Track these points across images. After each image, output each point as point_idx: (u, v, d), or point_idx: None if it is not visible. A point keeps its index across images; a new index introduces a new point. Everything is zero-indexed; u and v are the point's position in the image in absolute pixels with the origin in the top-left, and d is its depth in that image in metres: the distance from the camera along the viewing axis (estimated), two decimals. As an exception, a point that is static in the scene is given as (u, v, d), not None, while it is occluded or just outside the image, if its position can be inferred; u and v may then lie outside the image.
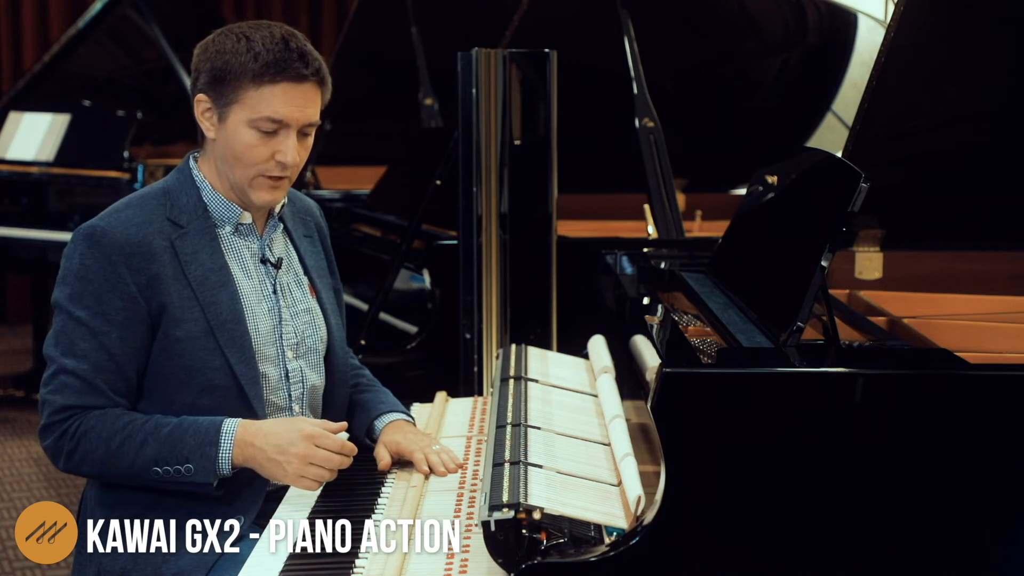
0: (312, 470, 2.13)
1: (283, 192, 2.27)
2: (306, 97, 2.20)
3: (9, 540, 4.38)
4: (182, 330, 2.17)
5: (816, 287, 2.04)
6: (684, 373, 1.87)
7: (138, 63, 6.61)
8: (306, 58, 2.19)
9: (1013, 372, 1.91)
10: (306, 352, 2.34)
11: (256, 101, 2.17)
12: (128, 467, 2.13)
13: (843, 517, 1.82)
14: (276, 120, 2.18)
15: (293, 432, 2.14)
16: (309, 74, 2.19)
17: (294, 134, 2.20)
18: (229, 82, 2.18)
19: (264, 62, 2.16)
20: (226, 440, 2.13)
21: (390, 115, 5.97)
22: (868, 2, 5.74)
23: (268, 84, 2.17)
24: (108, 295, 2.15)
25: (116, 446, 2.12)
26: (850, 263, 2.85)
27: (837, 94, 5.18)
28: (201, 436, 2.13)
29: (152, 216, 2.21)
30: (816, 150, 2.57)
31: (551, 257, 3.51)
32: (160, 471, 2.12)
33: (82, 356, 2.14)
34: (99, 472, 2.17)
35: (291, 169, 2.23)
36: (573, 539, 1.82)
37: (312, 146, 2.29)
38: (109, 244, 2.16)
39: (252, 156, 2.20)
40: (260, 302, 2.28)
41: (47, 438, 2.17)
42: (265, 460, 2.13)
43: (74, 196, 5.86)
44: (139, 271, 2.16)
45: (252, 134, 2.19)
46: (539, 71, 3.46)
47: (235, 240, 2.29)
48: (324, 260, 2.47)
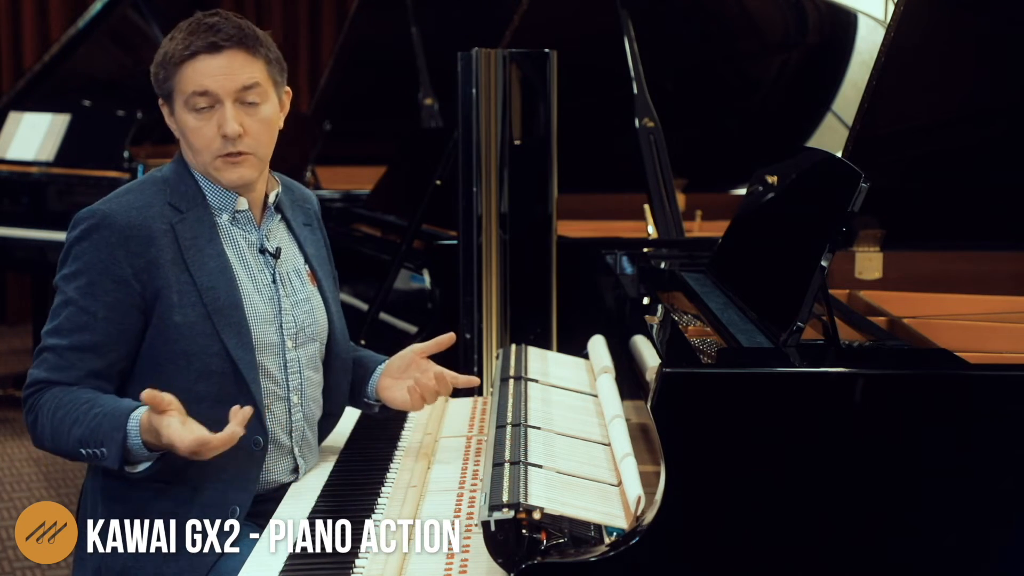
0: None
1: (249, 168, 2.26)
2: (229, 64, 2.21)
3: (9, 540, 4.39)
4: (180, 315, 2.17)
5: (816, 287, 2.04)
6: (684, 373, 1.87)
7: (138, 63, 6.60)
8: (216, 27, 2.22)
9: (1013, 372, 1.91)
10: (306, 342, 2.34)
11: (182, 82, 2.21)
12: (65, 445, 2.13)
13: (843, 517, 1.81)
14: (201, 92, 2.20)
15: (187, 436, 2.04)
16: (221, 40, 2.21)
17: (229, 104, 2.21)
18: (165, 78, 2.24)
19: (178, 42, 2.22)
20: (133, 425, 2.07)
21: (390, 115, 5.97)
22: (868, 2, 5.74)
23: (188, 62, 2.21)
24: (101, 278, 2.16)
25: (57, 423, 2.12)
26: (850, 263, 2.84)
27: (837, 94, 5.18)
28: (114, 420, 2.09)
29: (153, 200, 2.23)
30: (816, 150, 2.57)
31: (551, 257, 3.51)
32: (84, 452, 2.10)
33: (66, 333, 2.16)
34: (53, 448, 2.16)
35: (245, 142, 2.22)
36: (573, 539, 1.82)
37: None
38: (108, 227, 2.17)
39: (200, 139, 2.23)
40: (259, 291, 2.28)
41: (24, 411, 2.20)
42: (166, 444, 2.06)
43: (74, 196, 5.86)
44: (137, 254, 2.17)
45: (192, 116, 2.22)
46: (539, 71, 3.46)
47: (233, 230, 2.29)
48: (324, 248, 2.48)
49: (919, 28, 2.67)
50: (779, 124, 5.17)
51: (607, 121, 4.51)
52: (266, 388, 2.27)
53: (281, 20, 8.41)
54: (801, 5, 5.05)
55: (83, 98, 6.35)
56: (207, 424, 2.17)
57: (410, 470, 2.31)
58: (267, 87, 2.26)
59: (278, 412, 2.29)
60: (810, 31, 5.16)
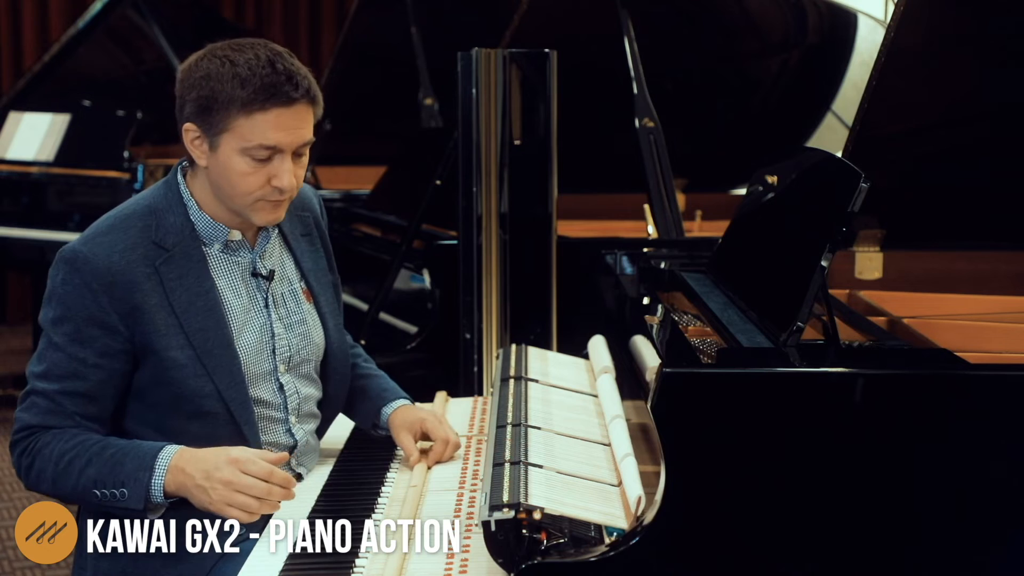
0: (238, 498, 2.05)
1: (284, 209, 2.22)
2: (298, 119, 2.13)
3: (9, 540, 4.39)
4: (169, 358, 2.14)
5: (816, 287, 2.04)
6: (684, 373, 1.86)
7: (138, 63, 6.61)
8: (294, 79, 2.12)
9: (1013, 372, 1.91)
10: (299, 364, 2.31)
11: (247, 130, 2.11)
12: (73, 487, 2.10)
13: (843, 517, 1.81)
14: (269, 147, 2.12)
15: (220, 457, 2.07)
16: (299, 96, 2.12)
17: (289, 158, 2.15)
18: (217, 111, 2.11)
19: (252, 88, 2.09)
20: (160, 466, 2.08)
21: (390, 115, 5.97)
22: (868, 2, 5.74)
23: (259, 112, 2.10)
24: (87, 325, 2.11)
25: (64, 465, 2.10)
26: (850, 263, 2.84)
27: (837, 94, 5.18)
28: (139, 461, 2.08)
29: (136, 241, 2.15)
30: (816, 150, 2.57)
31: (551, 257, 3.51)
32: (99, 493, 2.08)
33: (56, 379, 2.12)
34: (52, 491, 2.14)
35: (289, 192, 2.18)
36: (573, 539, 1.82)
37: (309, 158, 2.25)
38: (90, 272, 2.11)
39: (248, 184, 2.15)
40: (251, 319, 2.24)
41: (12, 454, 2.17)
42: (193, 487, 2.07)
43: (74, 196, 5.86)
44: (121, 300, 2.12)
45: (246, 162, 2.13)
46: (539, 71, 3.46)
47: (224, 257, 2.24)
48: (323, 259, 2.42)
49: (919, 28, 2.67)
50: (779, 124, 5.16)
51: (607, 121, 4.51)
52: (261, 414, 2.25)
53: (281, 20, 8.41)
54: (801, 5, 5.05)
55: (83, 98, 6.35)
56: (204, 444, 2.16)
57: (410, 470, 2.31)
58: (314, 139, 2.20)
59: (276, 436, 2.28)
60: (810, 31, 5.16)
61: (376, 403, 2.46)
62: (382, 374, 2.55)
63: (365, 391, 2.49)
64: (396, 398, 2.47)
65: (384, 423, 2.44)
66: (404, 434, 2.38)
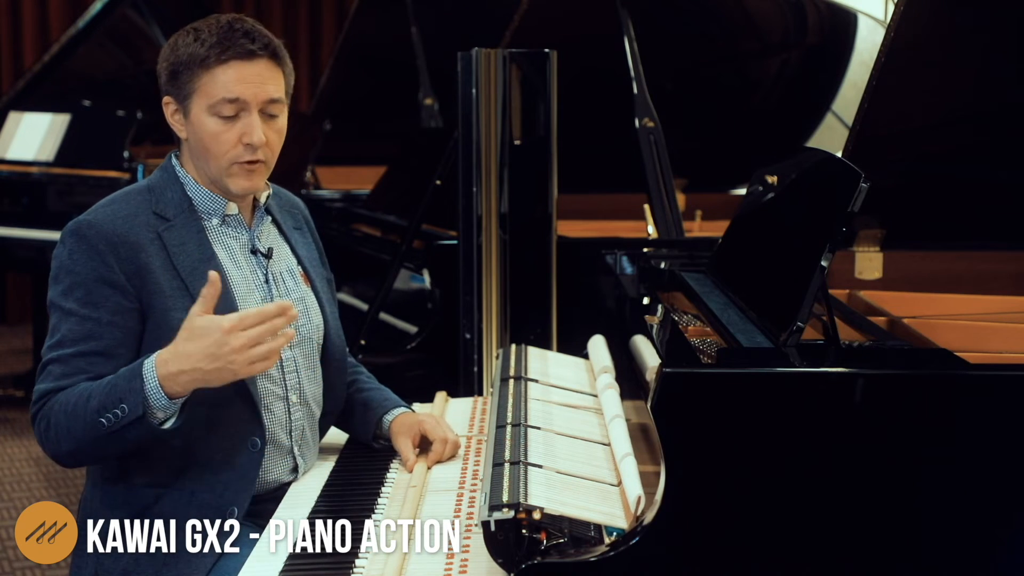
0: (255, 352, 2.03)
1: (260, 177, 2.26)
2: (260, 74, 2.21)
3: (9, 540, 4.39)
4: (174, 319, 2.14)
5: (816, 287, 2.04)
6: (684, 373, 1.87)
7: (138, 63, 6.61)
8: (251, 35, 2.21)
9: (1013, 372, 1.91)
10: (300, 341, 2.33)
11: (211, 86, 2.19)
12: (83, 428, 2.07)
13: (842, 517, 1.81)
14: (232, 100, 2.19)
15: (214, 335, 2.03)
16: (257, 49, 2.20)
17: (255, 113, 2.20)
18: (183, 74, 2.20)
19: (210, 45, 2.18)
20: (148, 370, 2.06)
21: (390, 115, 5.97)
22: (868, 2, 5.74)
23: (218, 66, 2.18)
24: (97, 285, 2.14)
25: (71, 409, 2.09)
26: (850, 263, 2.85)
27: (837, 94, 5.18)
28: (129, 373, 2.07)
29: (138, 210, 2.22)
30: (816, 150, 2.57)
31: (551, 257, 3.51)
32: (104, 421, 2.05)
33: (71, 343, 2.14)
34: (69, 443, 2.10)
35: (263, 151, 2.22)
36: (573, 539, 1.82)
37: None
38: (96, 235, 2.16)
39: (220, 144, 2.21)
40: (252, 292, 2.27)
41: (34, 427, 2.17)
42: (206, 374, 2.04)
43: (74, 196, 5.86)
44: (127, 260, 2.16)
45: (215, 121, 2.20)
46: (539, 71, 3.46)
47: (223, 232, 2.29)
48: (316, 252, 2.47)
49: (919, 28, 2.67)
50: (779, 124, 5.16)
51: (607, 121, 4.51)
52: (264, 388, 2.26)
53: (281, 20, 8.41)
54: (801, 5, 5.05)
55: (83, 98, 6.35)
56: (206, 425, 2.17)
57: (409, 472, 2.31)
58: (284, 100, 2.26)
59: (277, 412, 2.28)
60: (810, 31, 5.16)
61: (378, 412, 2.47)
62: (384, 388, 2.56)
63: (367, 403, 2.50)
64: (397, 406, 2.49)
65: (385, 431, 2.44)
66: (403, 439, 2.39)
